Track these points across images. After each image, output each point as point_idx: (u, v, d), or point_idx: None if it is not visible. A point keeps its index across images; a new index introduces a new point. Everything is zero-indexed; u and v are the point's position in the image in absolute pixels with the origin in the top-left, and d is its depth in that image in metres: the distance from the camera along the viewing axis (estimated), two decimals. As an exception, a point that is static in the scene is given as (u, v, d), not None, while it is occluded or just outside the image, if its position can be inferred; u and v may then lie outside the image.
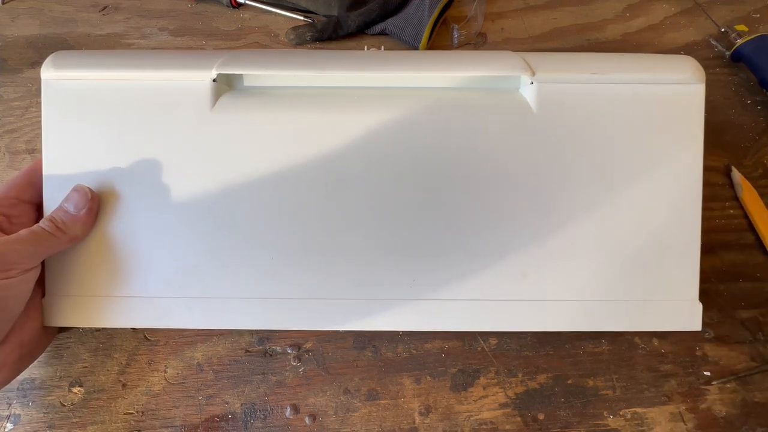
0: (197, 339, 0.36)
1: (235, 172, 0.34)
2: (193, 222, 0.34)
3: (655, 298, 0.34)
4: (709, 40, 0.50)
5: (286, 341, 0.36)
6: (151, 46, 0.50)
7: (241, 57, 0.36)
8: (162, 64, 0.35)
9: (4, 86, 0.47)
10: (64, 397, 0.35)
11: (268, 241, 0.34)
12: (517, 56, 0.36)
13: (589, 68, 0.35)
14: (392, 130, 0.34)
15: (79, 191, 0.33)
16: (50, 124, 0.34)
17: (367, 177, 0.34)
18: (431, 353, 0.36)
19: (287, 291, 0.34)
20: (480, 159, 0.34)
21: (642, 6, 0.53)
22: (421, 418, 0.34)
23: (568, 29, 0.51)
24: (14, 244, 0.30)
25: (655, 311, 0.34)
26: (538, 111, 0.34)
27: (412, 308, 0.34)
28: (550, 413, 0.34)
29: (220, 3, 0.53)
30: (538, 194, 0.34)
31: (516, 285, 0.34)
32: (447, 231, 0.34)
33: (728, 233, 0.40)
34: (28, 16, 0.52)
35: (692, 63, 0.35)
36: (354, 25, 0.49)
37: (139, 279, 0.34)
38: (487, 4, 0.53)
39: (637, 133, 0.34)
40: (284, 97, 0.36)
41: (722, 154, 0.44)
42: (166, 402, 0.35)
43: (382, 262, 0.34)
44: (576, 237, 0.34)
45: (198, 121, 0.34)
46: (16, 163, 0.43)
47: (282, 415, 0.34)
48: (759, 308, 0.38)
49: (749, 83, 0.47)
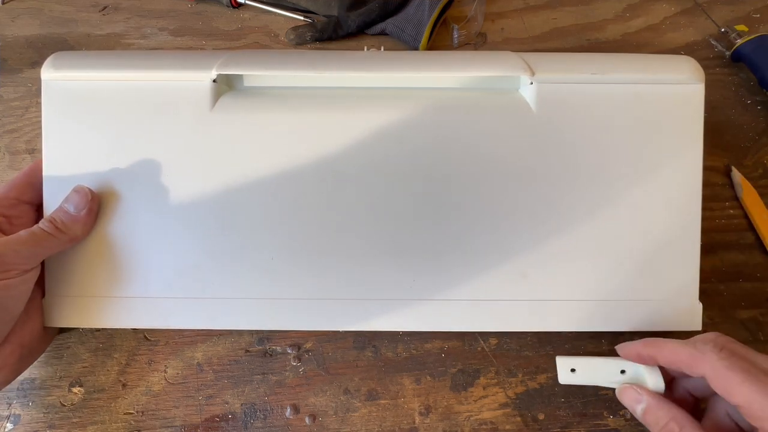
0: (197, 339, 0.36)
1: (235, 172, 0.34)
2: (193, 222, 0.34)
3: (655, 298, 0.34)
4: (709, 40, 0.50)
5: (286, 341, 0.36)
6: (151, 46, 0.50)
7: (242, 57, 0.36)
8: (162, 64, 0.35)
9: (4, 86, 0.47)
10: (64, 397, 0.35)
11: (268, 242, 0.34)
12: (516, 56, 0.36)
13: (589, 68, 0.35)
14: (392, 130, 0.34)
15: (79, 192, 0.33)
16: (50, 124, 0.34)
17: (366, 177, 0.34)
18: (431, 353, 0.36)
19: (287, 291, 0.34)
20: (480, 159, 0.34)
21: (642, 6, 0.53)
22: (421, 418, 0.34)
23: (568, 29, 0.51)
24: (13, 245, 0.30)
25: (655, 311, 0.34)
26: (538, 111, 0.34)
27: (412, 308, 0.34)
28: (550, 413, 0.34)
29: (220, 3, 0.53)
30: (538, 194, 0.34)
31: (516, 285, 0.34)
32: (447, 231, 0.34)
33: (728, 233, 0.40)
34: (28, 16, 0.52)
35: (692, 63, 0.35)
36: (354, 25, 0.49)
37: (139, 279, 0.34)
38: (487, 4, 0.53)
39: (637, 133, 0.34)
40: (284, 97, 0.36)
41: (722, 154, 0.44)
42: (166, 402, 0.35)
43: (382, 262, 0.34)
44: (576, 237, 0.34)
45: (198, 122, 0.34)
46: (16, 163, 0.43)
47: (282, 415, 0.34)
48: (759, 308, 0.38)
49: (749, 83, 0.47)
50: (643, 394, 0.29)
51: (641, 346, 0.30)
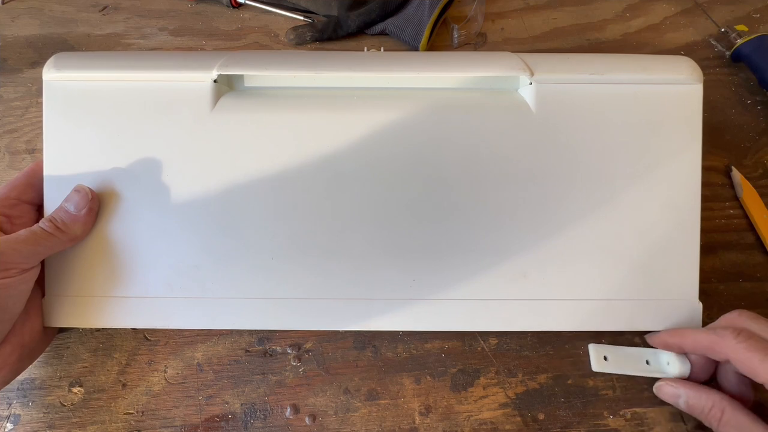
0: (197, 339, 0.36)
1: (235, 172, 0.34)
2: (193, 222, 0.34)
3: (655, 298, 0.34)
4: (709, 40, 0.50)
5: (286, 341, 0.36)
6: (151, 46, 0.50)
7: (242, 58, 0.36)
8: (163, 65, 0.35)
9: (4, 86, 0.47)
10: (64, 397, 0.35)
11: (268, 242, 0.34)
12: (515, 57, 0.36)
13: (588, 69, 0.35)
14: (392, 130, 0.34)
15: (80, 192, 0.33)
16: (51, 124, 0.34)
17: (367, 177, 0.34)
18: (431, 353, 0.36)
19: (287, 291, 0.34)
20: (479, 159, 0.34)
21: (642, 6, 0.53)
22: (421, 418, 0.34)
23: (568, 29, 0.51)
24: (13, 244, 0.30)
25: (655, 311, 0.34)
26: (537, 111, 0.35)
27: (412, 308, 0.34)
28: (550, 413, 0.34)
29: (220, 3, 0.53)
30: (538, 194, 0.34)
31: (516, 285, 0.34)
32: (446, 231, 0.34)
33: (728, 233, 0.40)
34: (28, 16, 0.52)
35: (690, 63, 0.35)
36: (354, 25, 0.49)
37: (139, 279, 0.34)
38: (487, 4, 0.53)
39: (636, 133, 0.34)
40: (285, 98, 0.36)
41: (722, 154, 0.44)
42: (166, 402, 0.35)
43: (382, 262, 0.34)
44: (575, 237, 0.34)
45: (198, 122, 0.34)
46: (16, 163, 0.43)
47: (282, 415, 0.34)
48: (759, 308, 0.38)
49: (749, 83, 0.47)
50: (679, 387, 0.31)
51: (667, 335, 0.33)
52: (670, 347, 0.33)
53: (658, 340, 0.33)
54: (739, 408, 0.29)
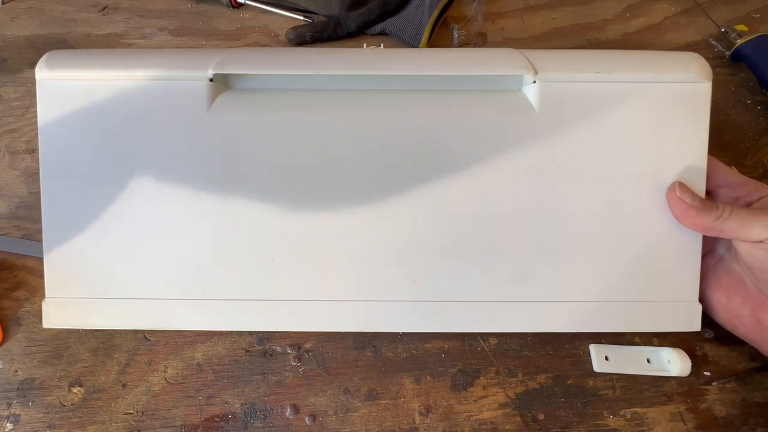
0: (197, 339, 0.36)
1: (233, 172, 0.34)
2: (193, 223, 0.34)
3: (654, 299, 0.34)
4: (709, 40, 0.50)
5: (286, 341, 0.36)
6: (151, 46, 0.50)
7: (238, 56, 0.36)
8: (158, 63, 0.34)
9: (4, 86, 0.47)
10: (64, 397, 0.35)
11: (268, 242, 0.34)
12: (519, 54, 0.35)
13: (593, 67, 0.34)
14: (392, 130, 0.34)
15: None
16: (46, 124, 0.34)
17: (366, 177, 0.34)
18: (431, 353, 0.36)
19: (287, 292, 0.34)
20: (481, 159, 0.34)
21: (642, 6, 0.53)
22: (421, 418, 0.34)
23: (568, 29, 0.51)
24: None
25: (655, 312, 0.34)
26: (541, 111, 0.34)
27: (412, 309, 0.34)
28: (550, 413, 0.34)
29: (220, 3, 0.53)
30: (539, 194, 0.34)
31: (516, 286, 0.34)
32: (447, 231, 0.34)
33: (728, 233, 0.40)
34: (28, 16, 0.52)
35: (699, 60, 0.34)
36: (354, 25, 0.49)
37: (139, 280, 0.34)
38: (487, 4, 0.53)
39: (641, 133, 0.34)
40: (282, 96, 0.35)
41: (722, 154, 0.44)
42: (166, 402, 0.35)
43: (382, 263, 0.34)
44: (576, 237, 0.34)
45: (195, 122, 0.34)
46: (16, 163, 0.43)
47: (282, 415, 0.34)
48: (759, 308, 0.38)
49: (749, 83, 0.47)
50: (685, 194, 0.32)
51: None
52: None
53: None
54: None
